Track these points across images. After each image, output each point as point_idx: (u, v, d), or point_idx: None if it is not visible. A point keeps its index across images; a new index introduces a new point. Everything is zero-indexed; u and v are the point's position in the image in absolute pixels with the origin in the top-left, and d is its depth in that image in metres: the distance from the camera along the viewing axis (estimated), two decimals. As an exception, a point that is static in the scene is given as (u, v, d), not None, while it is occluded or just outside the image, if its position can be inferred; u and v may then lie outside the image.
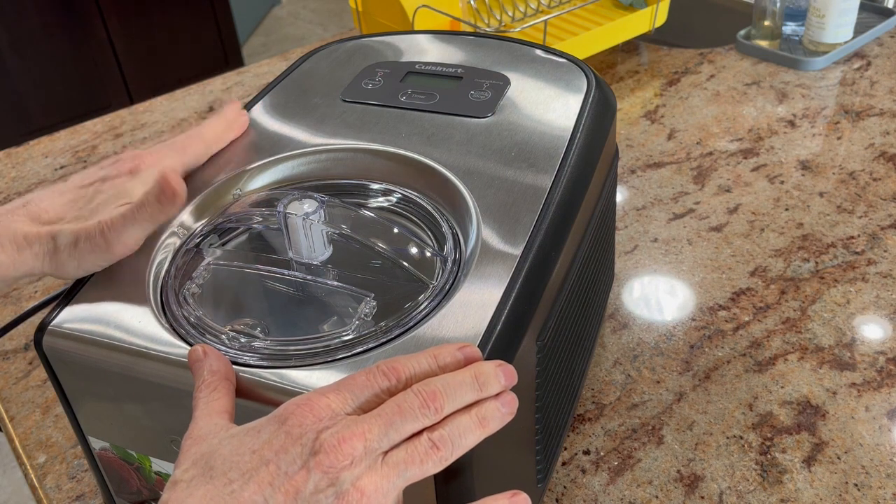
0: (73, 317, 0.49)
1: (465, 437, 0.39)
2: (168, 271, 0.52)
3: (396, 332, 0.46)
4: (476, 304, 0.47)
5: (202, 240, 0.54)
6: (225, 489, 0.36)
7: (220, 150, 0.61)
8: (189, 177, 0.58)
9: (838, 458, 0.64)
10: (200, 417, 0.41)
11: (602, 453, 0.65)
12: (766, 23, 1.22)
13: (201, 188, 0.57)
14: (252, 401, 0.45)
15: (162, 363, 0.46)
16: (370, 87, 0.66)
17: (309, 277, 0.51)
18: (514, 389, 0.47)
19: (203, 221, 0.56)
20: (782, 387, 0.70)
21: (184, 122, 1.16)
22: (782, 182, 0.95)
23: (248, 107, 0.66)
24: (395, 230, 0.53)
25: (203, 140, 0.58)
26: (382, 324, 0.47)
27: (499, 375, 0.42)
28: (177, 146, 0.57)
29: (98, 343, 0.48)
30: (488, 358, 0.44)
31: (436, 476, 0.42)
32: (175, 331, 0.48)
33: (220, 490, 0.36)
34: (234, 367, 0.45)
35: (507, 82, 0.65)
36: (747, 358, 0.73)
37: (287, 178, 0.59)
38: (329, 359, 0.45)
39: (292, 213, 0.50)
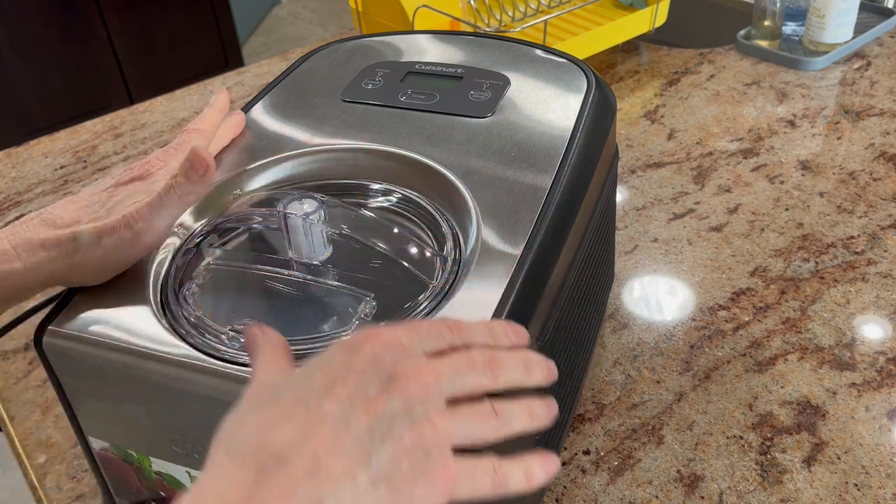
0: (73, 317, 0.49)
1: (515, 420, 0.40)
2: (168, 271, 0.52)
3: (396, 332, 0.46)
4: (476, 304, 0.47)
5: (202, 240, 0.54)
6: (299, 406, 0.36)
7: (220, 150, 0.61)
8: None
9: (838, 458, 0.64)
10: (261, 368, 0.40)
11: (602, 453, 0.65)
12: (766, 23, 1.22)
13: (201, 188, 0.57)
14: None
15: (162, 363, 0.46)
16: (370, 87, 0.66)
17: (309, 277, 0.51)
18: (515, 389, 0.47)
19: (203, 221, 0.56)
20: (782, 387, 0.70)
21: (184, 121, 1.16)
22: (782, 182, 0.95)
23: (248, 107, 0.66)
24: (395, 230, 0.53)
25: (202, 133, 0.58)
26: (382, 324, 0.47)
27: (542, 366, 0.42)
28: (179, 146, 0.56)
29: (98, 343, 0.48)
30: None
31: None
32: (175, 331, 0.48)
33: (293, 407, 0.36)
34: (234, 366, 0.45)
35: (507, 82, 0.65)
36: (747, 358, 0.73)
37: (287, 178, 0.59)
38: (329, 359, 0.45)
39: (292, 213, 0.50)
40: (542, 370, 0.42)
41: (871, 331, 0.75)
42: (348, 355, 0.37)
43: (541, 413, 0.41)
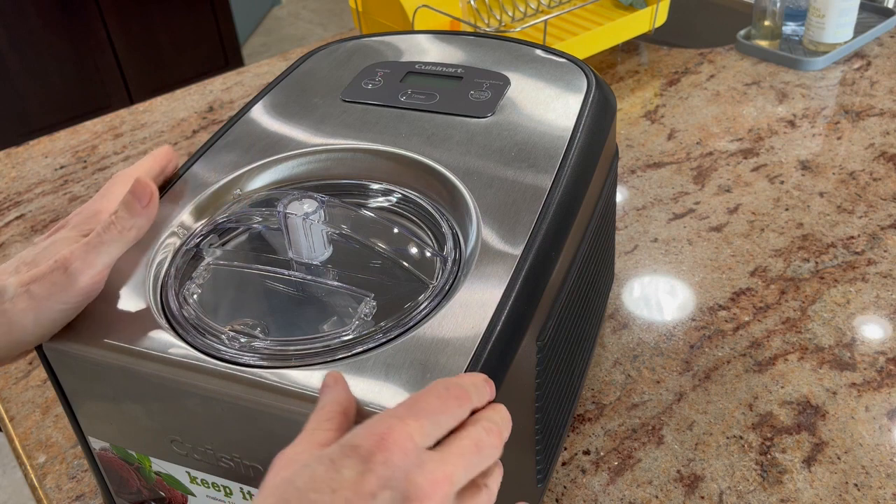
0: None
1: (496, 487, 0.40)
2: (168, 271, 0.52)
3: (396, 332, 0.46)
4: (476, 304, 0.47)
5: (202, 240, 0.54)
6: None
7: (218, 153, 0.60)
8: (188, 179, 0.58)
9: (838, 458, 0.64)
10: (300, 442, 0.38)
11: (602, 453, 0.65)
12: (766, 23, 1.22)
13: (201, 188, 0.57)
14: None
15: (162, 363, 0.46)
16: (370, 87, 0.66)
17: (309, 277, 0.51)
18: (514, 390, 0.47)
19: (203, 221, 0.56)
20: (782, 387, 0.70)
21: (183, 121, 1.16)
22: (782, 182, 0.95)
23: (248, 107, 0.66)
24: (395, 230, 0.53)
25: (131, 179, 0.52)
26: (382, 324, 0.47)
27: (509, 421, 0.43)
28: (102, 191, 0.52)
29: (98, 343, 0.48)
30: (488, 359, 0.44)
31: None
32: (175, 331, 0.48)
33: None
34: (233, 366, 0.45)
35: (507, 82, 0.65)
36: (747, 358, 0.73)
37: (287, 178, 0.59)
38: (329, 359, 0.45)
39: (292, 213, 0.50)
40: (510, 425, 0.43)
41: (871, 331, 0.75)
42: (359, 471, 0.34)
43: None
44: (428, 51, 0.70)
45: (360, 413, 0.43)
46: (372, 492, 0.34)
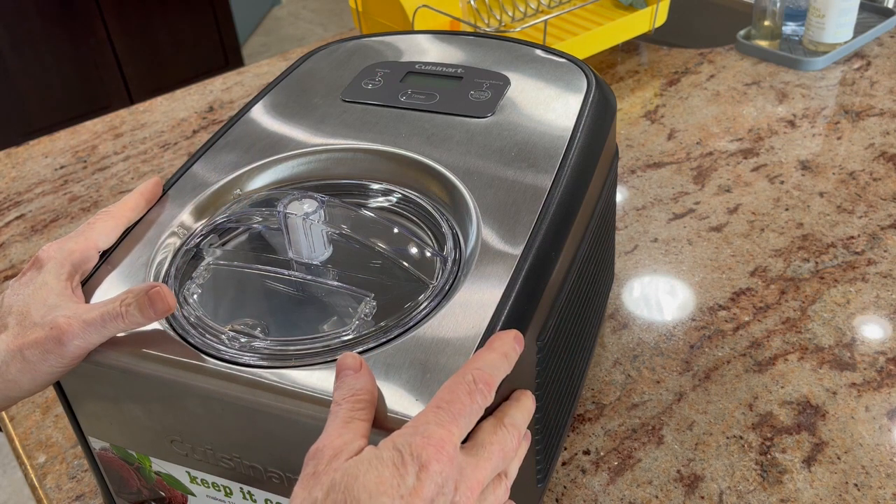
0: (73, 317, 0.49)
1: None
2: (168, 271, 0.52)
3: (396, 332, 0.46)
4: (476, 304, 0.47)
5: (202, 240, 0.54)
6: None
7: (218, 153, 0.60)
8: (188, 179, 0.58)
9: (838, 458, 0.64)
10: (343, 431, 0.40)
11: (602, 453, 0.65)
12: (766, 23, 1.22)
13: (201, 188, 0.57)
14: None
15: (162, 363, 0.46)
16: (370, 87, 0.66)
17: (309, 277, 0.51)
18: (514, 390, 0.47)
19: (203, 221, 0.56)
20: (782, 387, 0.70)
21: (184, 122, 1.16)
22: (782, 182, 0.95)
23: (248, 107, 0.66)
24: (395, 230, 0.53)
25: (111, 216, 0.54)
26: (382, 324, 0.47)
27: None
28: (81, 228, 0.53)
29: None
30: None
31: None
32: (175, 331, 0.48)
33: None
34: (233, 366, 0.45)
35: (507, 82, 0.65)
36: (747, 358, 0.73)
37: (287, 178, 0.59)
38: (329, 359, 0.45)
39: (292, 213, 0.50)
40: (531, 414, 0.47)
41: (871, 331, 0.75)
42: (421, 477, 0.37)
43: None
44: (428, 51, 0.70)
45: (385, 418, 0.43)
46: (431, 498, 0.38)
